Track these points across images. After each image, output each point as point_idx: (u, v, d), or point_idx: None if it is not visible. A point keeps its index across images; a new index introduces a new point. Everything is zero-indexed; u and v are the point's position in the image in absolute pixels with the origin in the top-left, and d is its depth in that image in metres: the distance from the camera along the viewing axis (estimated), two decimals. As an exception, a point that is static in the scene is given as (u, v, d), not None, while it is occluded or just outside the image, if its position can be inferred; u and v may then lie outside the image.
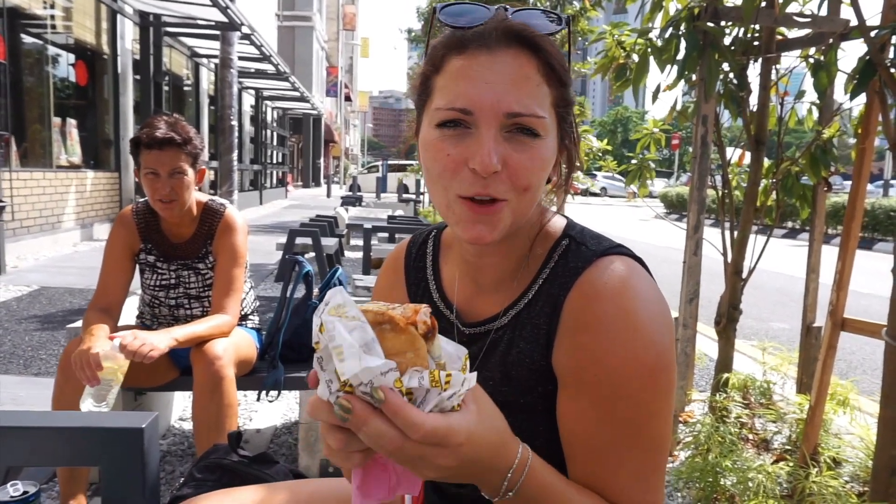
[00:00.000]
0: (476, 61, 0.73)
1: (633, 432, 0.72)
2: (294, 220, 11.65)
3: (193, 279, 2.08)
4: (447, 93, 0.73)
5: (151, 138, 1.88)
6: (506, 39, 0.73)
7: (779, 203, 2.69)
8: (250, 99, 18.02)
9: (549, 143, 0.75)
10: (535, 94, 0.73)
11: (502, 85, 0.72)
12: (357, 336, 0.55)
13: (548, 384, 0.78)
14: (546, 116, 0.73)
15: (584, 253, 0.79)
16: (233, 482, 1.24)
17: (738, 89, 2.56)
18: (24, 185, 6.93)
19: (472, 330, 0.87)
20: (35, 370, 3.27)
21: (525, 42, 0.73)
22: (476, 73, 0.72)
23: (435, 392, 0.56)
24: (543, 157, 0.74)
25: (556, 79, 0.75)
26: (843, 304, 2.00)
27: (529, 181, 0.74)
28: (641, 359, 0.71)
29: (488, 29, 0.74)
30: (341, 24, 44.41)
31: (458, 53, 0.74)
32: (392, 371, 0.55)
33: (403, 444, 0.56)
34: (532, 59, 0.73)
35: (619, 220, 18.07)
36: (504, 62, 0.72)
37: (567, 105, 0.77)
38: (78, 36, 8.64)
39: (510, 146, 0.72)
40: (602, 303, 0.73)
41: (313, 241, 5.82)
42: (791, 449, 2.39)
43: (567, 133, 0.79)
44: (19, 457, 1.07)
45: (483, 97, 0.71)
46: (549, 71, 0.74)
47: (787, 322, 5.44)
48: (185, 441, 2.48)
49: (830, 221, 11.72)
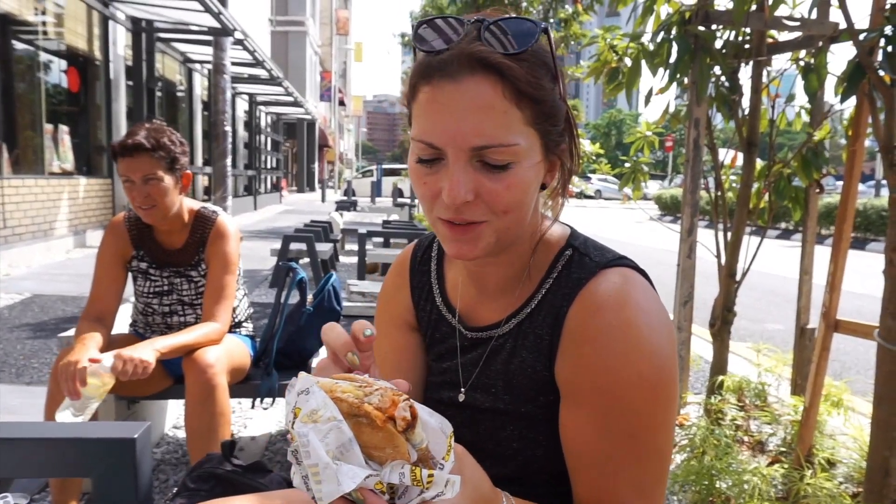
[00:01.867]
0: (441, 92, 0.71)
1: (634, 444, 0.72)
2: (288, 226, 11.63)
3: (186, 286, 2.07)
4: (418, 124, 0.74)
5: (122, 146, 1.88)
6: (468, 67, 0.70)
7: (771, 205, 2.70)
8: (244, 104, 17.99)
9: (526, 166, 0.73)
10: (502, 122, 0.71)
11: (465, 117, 0.70)
12: (333, 438, 0.54)
13: (549, 394, 0.78)
14: (518, 142, 0.72)
15: (588, 264, 0.79)
16: (226, 491, 1.24)
17: (730, 92, 2.57)
18: (15, 192, 6.90)
19: (474, 335, 0.87)
20: (27, 379, 3.25)
21: (487, 68, 0.70)
22: (440, 105, 0.71)
23: (416, 490, 0.56)
24: (520, 182, 0.73)
25: (529, 98, 0.72)
26: (835, 306, 2.01)
27: (507, 206, 0.73)
28: (643, 372, 0.71)
29: (452, 56, 0.71)
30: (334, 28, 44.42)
31: (425, 83, 0.73)
32: (372, 476, 0.54)
33: None
34: (497, 84, 0.70)
35: (613, 222, 18.12)
36: (467, 92, 0.70)
37: (548, 118, 0.74)
38: (70, 42, 8.61)
39: (483, 175, 0.72)
40: (604, 315, 0.73)
41: (308, 247, 5.81)
42: (786, 451, 2.40)
43: (555, 143, 0.77)
44: (10, 468, 1.06)
45: (447, 132, 0.71)
46: (516, 93, 0.71)
47: (781, 323, 5.45)
48: (180, 449, 2.47)
49: (823, 222, 11.78)
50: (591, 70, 2.87)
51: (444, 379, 0.91)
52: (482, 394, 0.84)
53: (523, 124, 0.72)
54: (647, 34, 2.48)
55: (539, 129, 0.74)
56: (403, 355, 0.98)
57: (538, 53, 0.74)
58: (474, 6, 7.54)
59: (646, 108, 2.75)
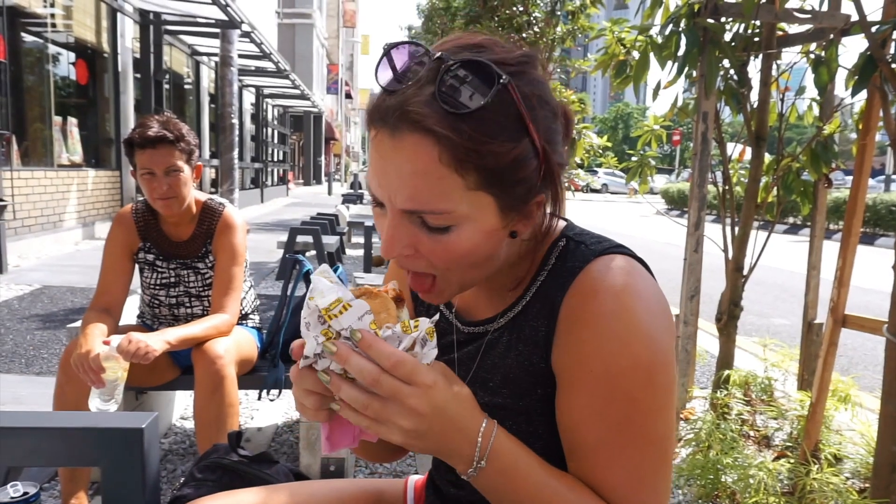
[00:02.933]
0: (381, 144, 0.67)
1: (630, 430, 0.71)
2: (295, 218, 11.65)
3: (193, 278, 2.08)
4: (368, 163, 0.72)
5: (144, 138, 1.87)
6: (406, 125, 0.65)
7: (780, 200, 2.68)
8: (251, 97, 18.01)
9: (470, 230, 0.69)
10: (438, 189, 0.66)
11: (401, 178, 0.66)
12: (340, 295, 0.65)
13: (547, 387, 0.77)
14: (456, 209, 0.67)
15: (583, 252, 0.77)
16: (233, 482, 1.25)
17: (739, 86, 2.55)
18: (25, 184, 6.94)
19: (470, 329, 0.87)
20: (37, 369, 3.28)
21: (425, 131, 0.64)
22: (380, 157, 0.68)
23: (406, 337, 0.65)
24: (462, 246, 0.69)
25: (473, 164, 0.65)
26: (843, 301, 2.00)
27: (448, 264, 0.71)
28: (639, 356, 0.70)
29: (393, 108, 0.66)
30: (341, 21, 44.34)
31: (371, 126, 0.69)
32: (367, 314, 0.64)
33: (380, 376, 0.62)
34: (433, 148, 0.64)
35: (620, 216, 18.06)
36: (403, 152, 0.66)
37: (502, 180, 0.68)
38: (78, 34, 8.63)
39: (422, 232, 0.69)
40: (600, 299, 0.72)
41: (314, 240, 5.82)
42: (792, 446, 2.39)
43: (520, 201, 0.71)
44: (20, 457, 1.07)
45: (383, 188, 0.69)
46: (456, 160, 0.65)
47: (788, 318, 5.43)
48: (187, 440, 2.49)
49: (832, 217, 11.71)
50: (598, 63, 2.85)
51: None
52: (480, 388, 0.83)
53: (465, 190, 0.67)
54: (656, 27, 2.47)
55: (490, 192, 0.68)
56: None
57: (497, 108, 0.65)
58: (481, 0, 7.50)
59: (654, 102, 2.73)
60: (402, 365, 0.63)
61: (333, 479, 1.03)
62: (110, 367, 1.64)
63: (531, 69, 0.70)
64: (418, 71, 0.66)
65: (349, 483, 1.03)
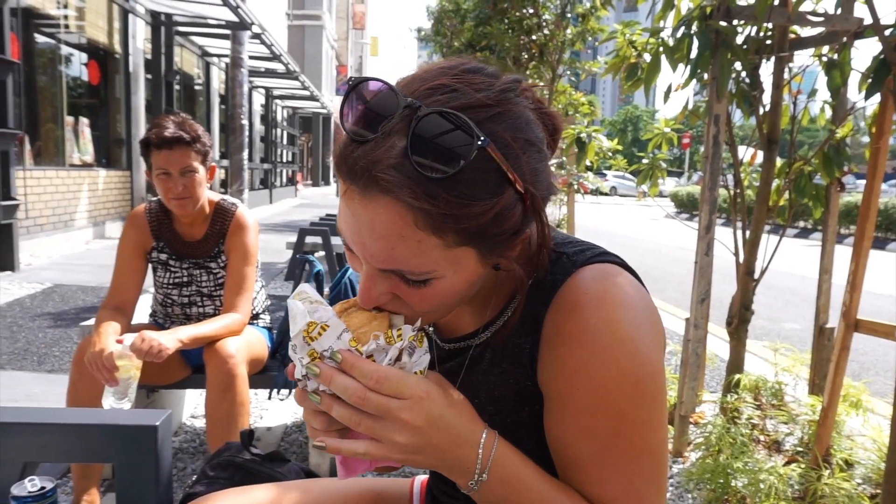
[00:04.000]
0: (352, 201, 0.63)
1: (620, 444, 0.69)
2: (304, 219, 11.69)
3: (205, 278, 2.10)
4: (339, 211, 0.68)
5: (161, 138, 1.89)
6: (377, 187, 0.60)
7: (791, 203, 2.67)
8: (260, 98, 18.09)
9: (450, 279, 0.66)
10: (415, 250, 0.62)
11: (374, 239, 0.62)
12: (319, 314, 0.64)
13: (535, 404, 0.76)
14: (433, 269, 0.64)
15: (564, 264, 0.74)
16: (245, 480, 1.25)
17: (751, 88, 2.54)
18: (37, 184, 7.00)
19: (451, 345, 0.84)
20: (48, 367, 3.30)
21: (397, 199, 0.60)
22: (350, 213, 0.64)
23: (392, 349, 0.64)
24: (442, 293, 0.67)
25: (451, 227, 0.61)
26: (856, 305, 1.99)
27: (430, 308, 0.69)
28: (624, 368, 0.68)
29: (363, 167, 0.60)
30: (351, 22, 44.46)
31: (341, 175, 0.64)
32: (345, 332, 0.63)
33: (366, 394, 0.61)
34: (409, 212, 0.60)
35: (629, 219, 18.00)
36: (374, 213, 0.61)
37: (482, 235, 0.63)
38: (90, 35, 8.71)
39: (400, 281, 0.66)
40: (581, 313, 0.70)
41: (323, 240, 5.84)
42: (803, 451, 2.38)
43: (502, 245, 0.66)
44: (36, 453, 1.08)
45: (356, 244, 0.65)
46: (432, 225, 0.60)
47: (798, 322, 5.40)
48: (197, 438, 2.50)
49: (843, 221, 11.62)
50: (609, 66, 2.85)
51: None
52: None
53: (444, 248, 0.63)
54: (667, 29, 2.46)
55: (471, 245, 0.64)
56: None
57: (475, 166, 0.60)
58: (491, 1, 7.51)
59: (664, 105, 2.73)
60: (386, 381, 0.61)
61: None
62: (123, 365, 1.65)
63: (513, 103, 0.65)
64: (388, 119, 0.60)
65: (357, 482, 1.03)
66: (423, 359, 0.65)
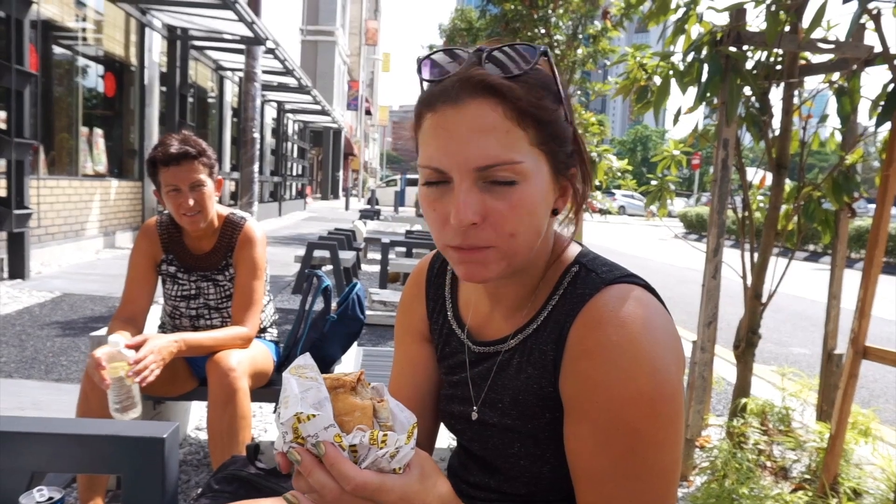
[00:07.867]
0: (444, 117, 0.73)
1: (634, 462, 0.71)
2: (312, 233, 11.74)
3: (213, 290, 2.11)
4: (424, 151, 0.76)
5: (167, 155, 1.92)
6: (468, 91, 0.72)
7: (800, 227, 2.66)
8: (272, 111, 18.26)
9: (532, 186, 0.74)
10: (506, 141, 0.72)
11: (469, 139, 0.71)
12: (312, 395, 0.63)
13: (556, 411, 0.78)
14: (523, 160, 0.72)
15: (594, 280, 0.79)
16: (249, 494, 1.26)
17: (760, 113, 2.55)
18: (50, 193, 7.08)
19: (482, 349, 0.88)
20: (56, 376, 3.32)
21: (487, 90, 0.72)
22: (444, 130, 0.73)
23: (373, 450, 0.63)
24: (526, 202, 0.73)
25: (531, 118, 0.73)
26: (864, 332, 1.97)
27: (514, 228, 0.74)
28: (642, 388, 0.70)
29: (453, 82, 0.73)
30: (363, 38, 44.93)
31: (429, 110, 0.75)
32: (332, 427, 0.62)
33: (341, 495, 0.62)
34: (497, 106, 0.72)
35: (637, 239, 17.96)
36: (469, 115, 0.72)
37: (553, 139, 0.75)
38: (108, 48, 8.84)
39: (489, 196, 0.73)
40: (604, 330, 0.73)
41: (331, 254, 5.86)
42: (810, 478, 2.35)
43: (564, 166, 0.78)
44: (43, 462, 1.09)
45: (452, 155, 0.72)
46: (518, 114, 0.72)
47: (807, 347, 5.35)
48: (201, 451, 2.50)
49: (854, 245, 11.55)
50: (620, 88, 2.87)
51: (455, 393, 0.92)
52: (490, 409, 0.84)
53: (527, 144, 0.73)
54: (678, 54, 2.48)
55: (545, 149, 0.74)
56: (418, 366, 0.99)
57: (539, 76, 0.75)
58: (503, 20, 7.59)
59: (674, 126, 2.74)
60: (363, 489, 0.63)
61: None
62: (113, 366, 1.66)
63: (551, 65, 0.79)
64: (463, 60, 0.75)
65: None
66: (407, 455, 0.65)
